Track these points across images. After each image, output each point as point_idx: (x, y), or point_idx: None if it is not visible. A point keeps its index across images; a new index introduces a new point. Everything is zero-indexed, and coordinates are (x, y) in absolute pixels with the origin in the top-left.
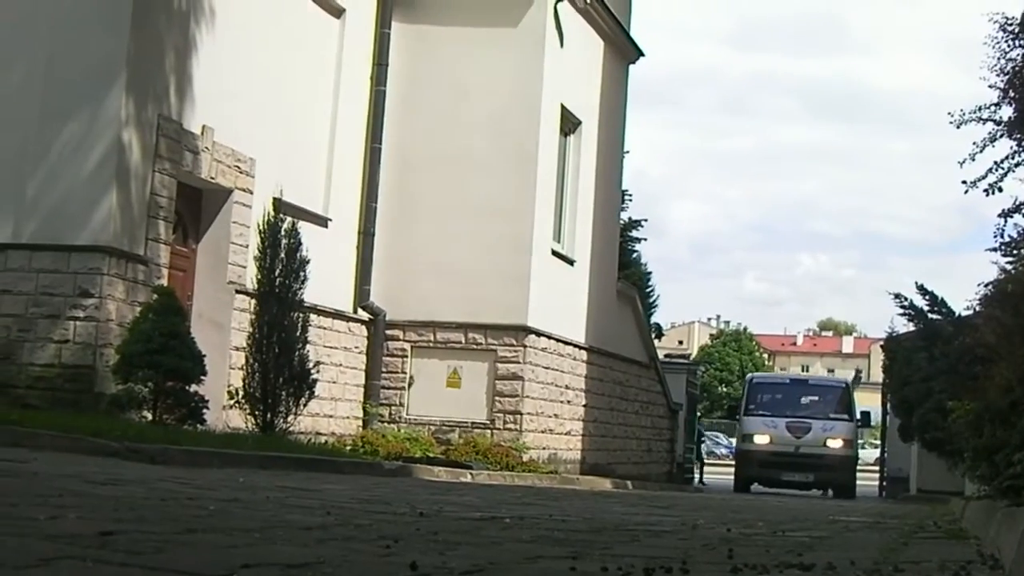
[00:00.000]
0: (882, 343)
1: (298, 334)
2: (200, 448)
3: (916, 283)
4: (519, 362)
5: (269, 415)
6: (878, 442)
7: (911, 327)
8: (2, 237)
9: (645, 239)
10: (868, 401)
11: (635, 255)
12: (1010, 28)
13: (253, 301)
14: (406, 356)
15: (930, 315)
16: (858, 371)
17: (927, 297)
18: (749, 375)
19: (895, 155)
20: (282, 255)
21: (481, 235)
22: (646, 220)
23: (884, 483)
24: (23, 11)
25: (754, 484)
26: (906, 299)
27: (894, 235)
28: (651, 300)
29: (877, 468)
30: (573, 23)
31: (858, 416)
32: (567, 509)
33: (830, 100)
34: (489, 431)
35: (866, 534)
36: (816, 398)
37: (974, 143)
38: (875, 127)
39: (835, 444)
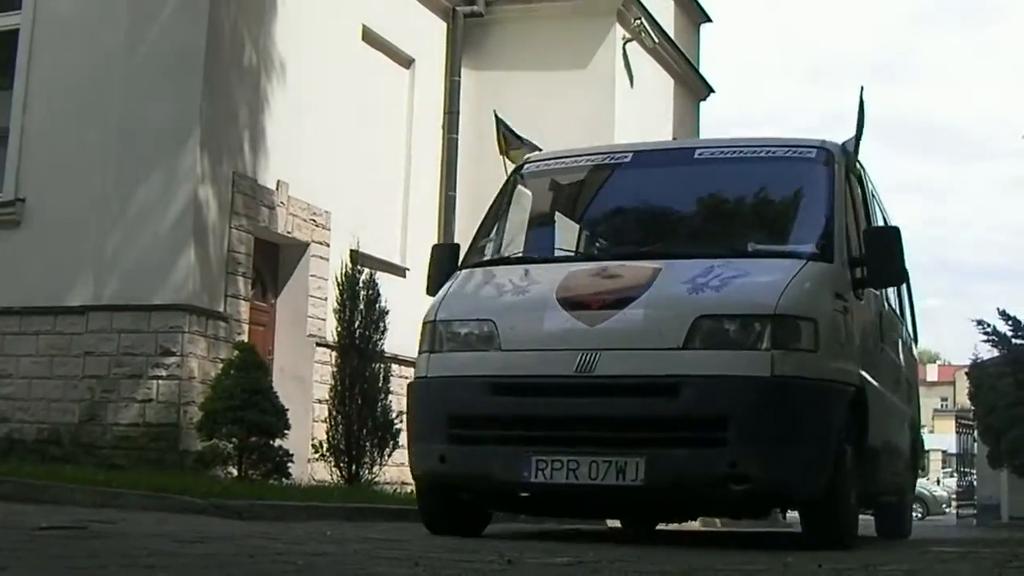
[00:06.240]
0: (967, 370)
1: (380, 385)
2: (286, 502)
3: (998, 309)
4: None
5: (354, 467)
6: (950, 468)
7: (995, 353)
8: (83, 299)
9: None
10: (944, 428)
11: None
12: None
13: (334, 353)
14: None
15: (1014, 341)
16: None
17: (1010, 323)
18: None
19: (975, 182)
20: (361, 307)
21: None
22: None
23: (976, 512)
24: (96, 72)
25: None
26: (989, 325)
27: (976, 262)
28: None
29: (955, 496)
30: (642, 62)
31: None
32: (655, 550)
33: (907, 131)
34: None
35: (959, 564)
36: (712, 202)
37: None
38: (953, 155)
39: (745, 349)
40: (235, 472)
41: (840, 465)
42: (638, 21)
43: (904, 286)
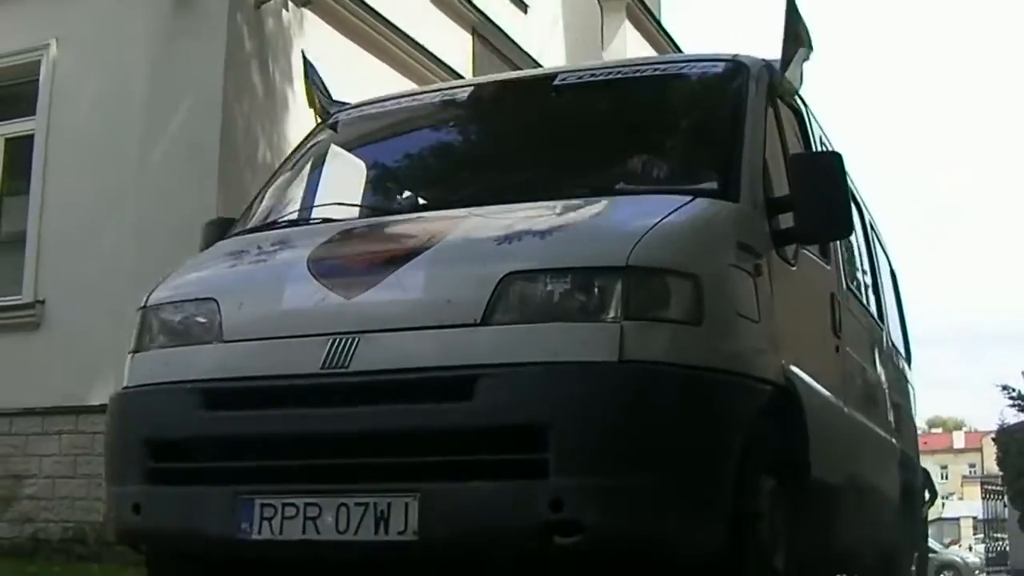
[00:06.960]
0: (993, 436)
1: None
2: None
3: (1023, 372)
4: None
5: None
6: (981, 534)
7: (1022, 417)
8: (104, 398)
9: None
10: (973, 495)
11: None
12: None
13: None
14: None
15: None
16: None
17: None
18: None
19: (989, 249)
20: None
21: None
22: None
23: None
24: (111, 174)
25: None
26: (1014, 390)
27: (994, 328)
28: None
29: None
30: None
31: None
32: None
33: (928, 209)
34: None
35: None
36: (571, 136)
37: None
38: (967, 224)
39: (579, 320)
40: None
41: (749, 506)
42: None
43: (891, 283)
